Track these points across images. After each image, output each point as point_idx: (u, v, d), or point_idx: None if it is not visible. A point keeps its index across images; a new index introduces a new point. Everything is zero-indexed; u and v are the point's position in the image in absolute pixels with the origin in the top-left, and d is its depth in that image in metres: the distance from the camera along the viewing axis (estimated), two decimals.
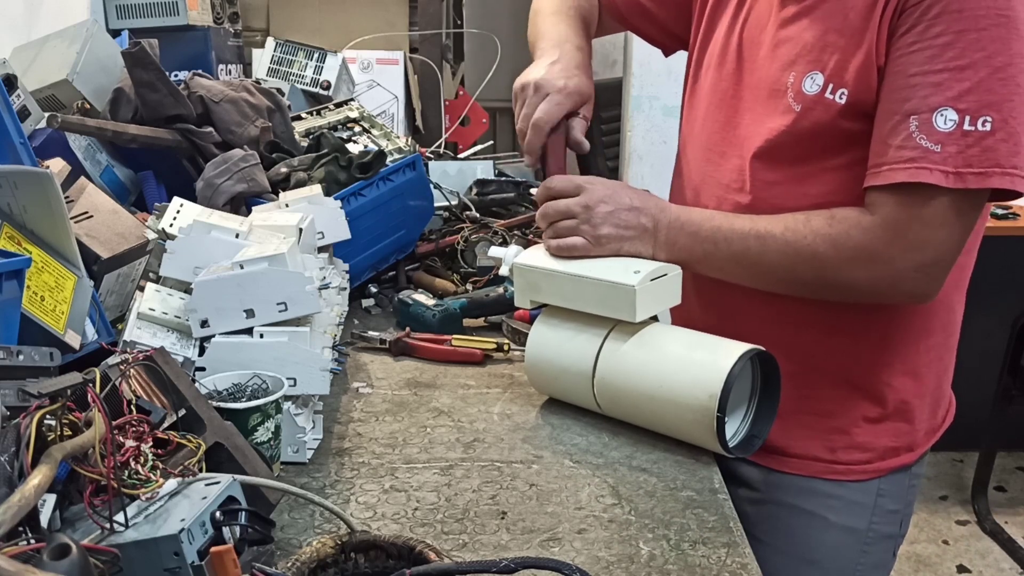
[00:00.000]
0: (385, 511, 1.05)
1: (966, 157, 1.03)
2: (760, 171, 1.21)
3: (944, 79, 1.03)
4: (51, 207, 1.13)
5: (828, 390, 1.26)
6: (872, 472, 1.27)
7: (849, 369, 1.25)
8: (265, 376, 1.11)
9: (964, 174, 1.03)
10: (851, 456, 1.27)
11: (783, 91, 1.17)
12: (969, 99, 1.02)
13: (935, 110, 1.03)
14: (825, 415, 1.27)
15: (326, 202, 1.50)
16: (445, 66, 3.03)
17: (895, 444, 1.27)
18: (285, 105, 1.86)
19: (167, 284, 1.23)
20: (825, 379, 1.26)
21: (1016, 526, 3.11)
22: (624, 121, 3.23)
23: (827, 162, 1.16)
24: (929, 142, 1.04)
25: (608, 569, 0.94)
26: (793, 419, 1.25)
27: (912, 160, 1.05)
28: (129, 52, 1.65)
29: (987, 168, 1.02)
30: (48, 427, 0.73)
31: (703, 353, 1.15)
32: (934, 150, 1.03)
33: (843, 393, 1.26)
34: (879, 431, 1.26)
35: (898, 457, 1.28)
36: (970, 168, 1.03)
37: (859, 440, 1.26)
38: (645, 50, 3.14)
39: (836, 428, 1.27)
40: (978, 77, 1.02)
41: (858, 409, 1.26)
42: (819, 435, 1.27)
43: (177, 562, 0.76)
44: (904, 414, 1.26)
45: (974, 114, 1.02)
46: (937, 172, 1.04)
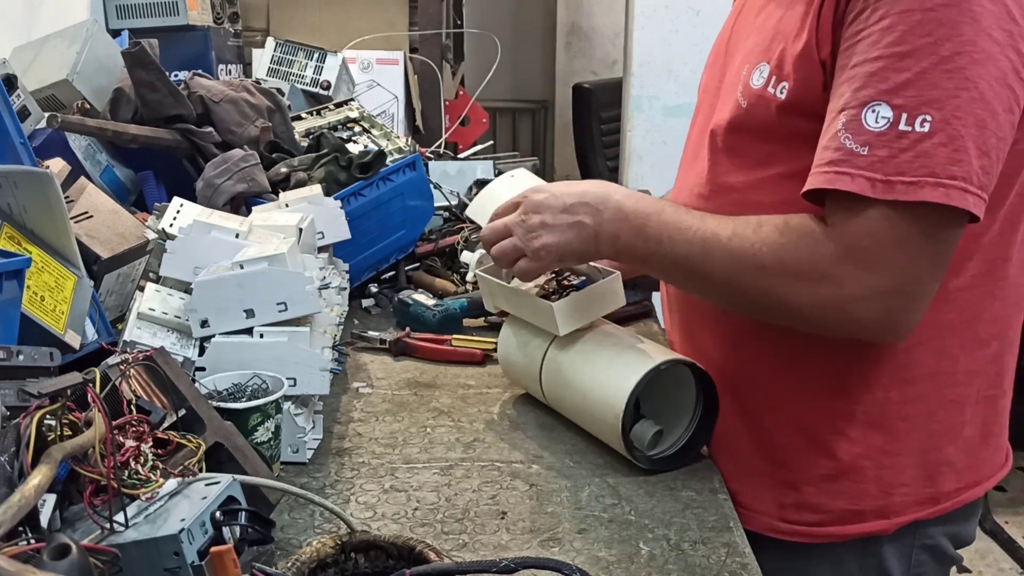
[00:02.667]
0: (385, 511, 1.05)
1: (898, 163, 0.87)
2: (719, 174, 1.09)
3: (879, 68, 0.88)
4: (51, 207, 1.13)
5: (781, 436, 1.11)
6: (823, 536, 1.10)
7: (803, 414, 1.09)
8: (265, 376, 1.11)
9: (894, 183, 0.87)
10: (799, 516, 1.11)
11: (735, 85, 1.05)
12: (907, 93, 0.86)
13: (866, 105, 0.88)
14: (777, 464, 1.11)
15: (326, 202, 1.50)
16: (445, 66, 3.03)
17: (854, 507, 1.08)
18: (285, 105, 1.86)
19: (167, 284, 1.23)
20: (778, 423, 1.11)
21: (1016, 526, 3.11)
22: (624, 121, 3.22)
23: (781, 167, 1.02)
24: (854, 143, 0.88)
25: (608, 569, 0.94)
26: (746, 464, 1.13)
27: (833, 164, 0.90)
28: (129, 52, 1.65)
29: (920, 177, 0.86)
30: (48, 427, 0.73)
31: (614, 371, 1.12)
32: (859, 152, 0.88)
33: (796, 441, 1.10)
34: (834, 490, 1.08)
35: (862, 523, 1.08)
36: (902, 176, 0.86)
37: (809, 498, 1.10)
38: (645, 50, 3.16)
39: (787, 481, 1.11)
40: (920, 67, 0.86)
41: (811, 462, 1.09)
42: (770, 486, 1.12)
43: (177, 562, 0.76)
44: (868, 474, 1.07)
45: (912, 112, 0.86)
46: (860, 179, 0.88)
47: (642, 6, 3.09)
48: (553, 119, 5.43)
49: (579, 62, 5.27)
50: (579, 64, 5.26)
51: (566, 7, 5.30)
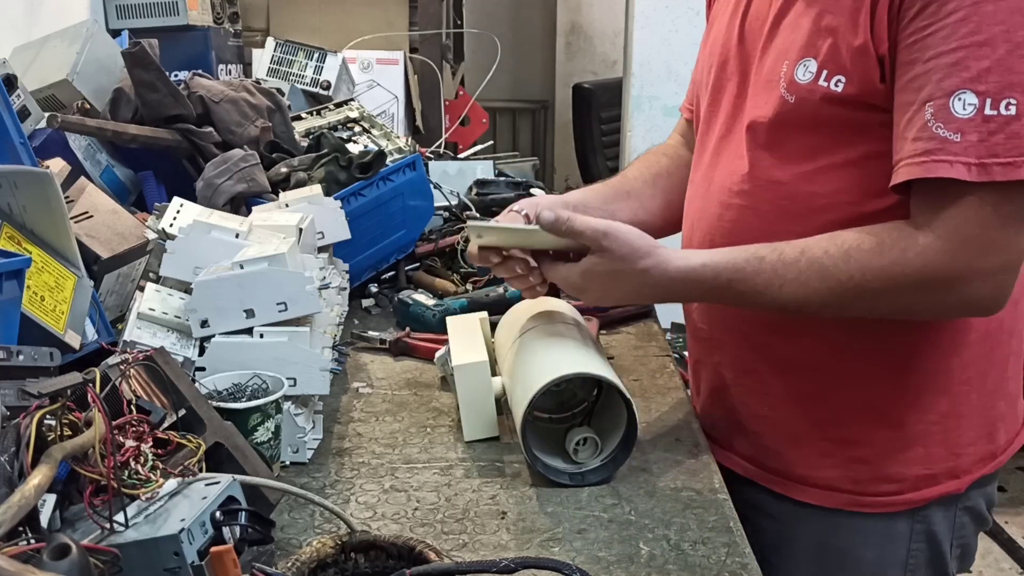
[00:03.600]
0: (385, 511, 1.05)
1: (989, 146, 0.91)
2: (763, 170, 1.11)
3: (960, 58, 0.92)
4: (51, 207, 1.13)
5: (846, 415, 1.14)
6: (903, 504, 1.15)
7: (867, 391, 1.13)
8: (265, 376, 1.11)
9: (989, 165, 0.91)
10: (878, 488, 1.14)
11: (776, 82, 1.07)
12: (990, 80, 0.90)
13: (952, 94, 0.92)
14: (846, 443, 1.15)
15: (326, 202, 1.50)
16: (445, 66, 3.03)
17: (930, 472, 1.13)
18: (285, 105, 1.86)
19: (167, 284, 1.23)
20: (842, 403, 1.14)
21: (1016, 526, 3.11)
22: (624, 121, 3.23)
23: (834, 157, 1.05)
24: (947, 131, 0.92)
25: (608, 569, 0.94)
26: (813, 447, 1.16)
27: (928, 153, 0.93)
28: (129, 52, 1.65)
29: (1015, 157, 0.91)
30: (48, 427, 0.73)
31: (520, 384, 1.13)
32: (953, 139, 0.92)
33: (863, 418, 1.14)
34: (908, 459, 1.13)
35: (937, 486, 1.14)
36: (996, 158, 0.91)
37: (885, 470, 1.14)
38: (645, 50, 3.16)
39: (859, 458, 1.14)
40: (997, 55, 0.90)
41: (881, 435, 1.13)
42: (842, 464, 1.15)
43: (177, 562, 0.76)
44: (937, 438, 1.13)
45: (995, 96, 0.90)
46: (958, 165, 0.92)
47: (642, 6, 3.09)
48: (553, 119, 5.43)
49: (579, 62, 5.27)
50: (579, 64, 5.26)
51: (566, 7, 5.30)
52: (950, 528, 1.18)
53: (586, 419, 1.19)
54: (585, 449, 1.12)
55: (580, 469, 1.11)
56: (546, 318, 1.26)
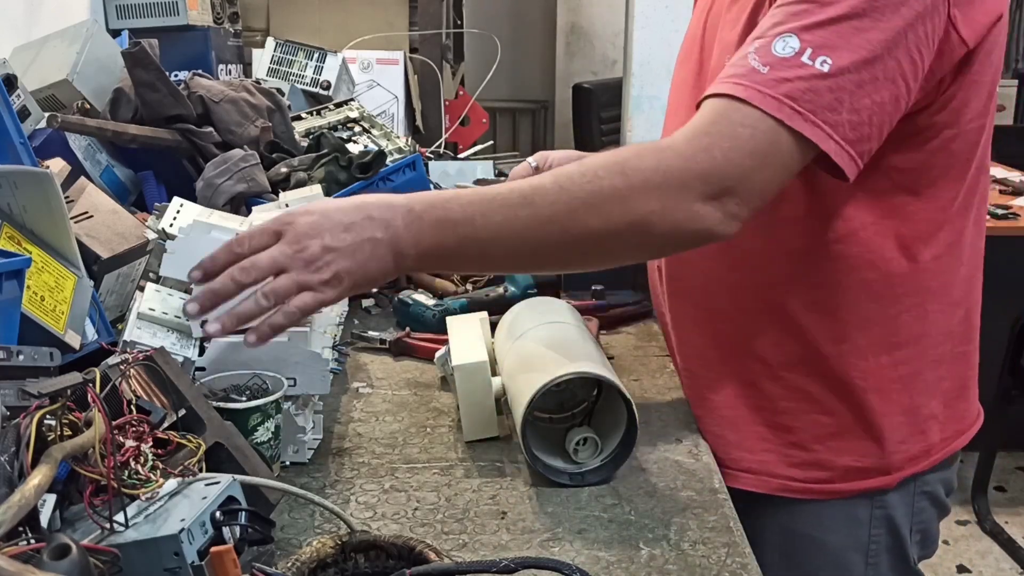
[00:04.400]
0: (385, 511, 1.05)
1: (791, 88, 0.92)
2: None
3: (802, 9, 0.94)
4: (51, 207, 1.13)
5: (783, 402, 1.17)
6: (832, 493, 1.17)
7: (803, 381, 1.15)
8: (265, 376, 1.11)
9: (783, 104, 0.92)
10: (808, 474, 1.17)
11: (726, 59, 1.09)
12: (818, 33, 0.92)
13: (779, 35, 0.94)
14: (782, 428, 1.18)
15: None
16: (445, 66, 3.03)
17: (858, 464, 1.16)
18: (285, 105, 1.86)
19: (167, 284, 1.23)
20: (779, 390, 1.16)
21: (1016, 526, 3.11)
22: (624, 121, 3.23)
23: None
24: (759, 62, 0.93)
25: (608, 569, 0.94)
26: (749, 431, 1.19)
27: (733, 77, 0.94)
28: (129, 52, 1.65)
29: (805, 110, 0.92)
30: (48, 427, 0.73)
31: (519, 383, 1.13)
32: (760, 71, 0.93)
33: (799, 405, 1.16)
34: (837, 448, 1.16)
35: (867, 479, 1.16)
36: (793, 101, 0.92)
37: (817, 456, 1.16)
38: (645, 50, 3.16)
39: (793, 442, 1.17)
40: (835, 13, 0.93)
41: (814, 420, 1.16)
42: (777, 448, 1.18)
43: (177, 562, 0.76)
44: (866, 432, 1.15)
45: (816, 50, 0.92)
46: (752, 90, 0.92)
47: (642, 6, 3.09)
48: (553, 119, 5.44)
49: (579, 62, 5.28)
50: (579, 64, 5.26)
51: (566, 7, 5.30)
52: (909, 513, 1.20)
53: (586, 419, 1.19)
54: (585, 449, 1.12)
55: (580, 469, 1.11)
56: (546, 318, 1.26)
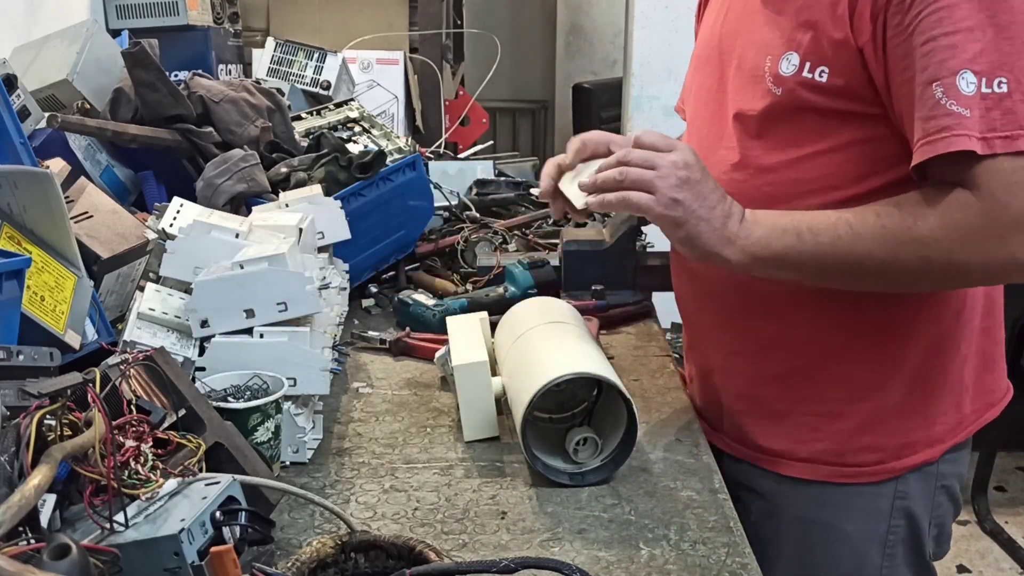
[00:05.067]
0: (385, 511, 1.05)
1: (988, 121, 0.97)
2: (752, 159, 1.16)
3: (958, 41, 0.98)
4: (51, 207, 1.13)
5: (830, 390, 1.20)
6: (886, 473, 1.20)
7: (850, 367, 1.18)
8: (265, 376, 1.11)
9: (991, 139, 0.97)
10: (861, 457, 1.20)
11: (762, 76, 1.13)
12: (983, 60, 0.97)
13: (956, 73, 0.98)
14: (830, 416, 1.20)
15: (326, 202, 1.50)
16: (445, 66, 3.03)
17: (907, 440, 1.20)
18: (285, 105, 1.86)
19: (167, 284, 1.23)
20: (826, 379, 1.20)
21: (1016, 526, 3.11)
22: (624, 121, 3.23)
23: (818, 145, 1.11)
24: (959, 106, 0.98)
25: (608, 569, 0.94)
26: (796, 420, 1.22)
27: (947, 128, 0.99)
28: (129, 52, 1.65)
29: (1012, 131, 0.97)
30: (48, 427, 0.73)
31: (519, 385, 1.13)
32: (965, 115, 0.97)
33: (846, 392, 1.19)
34: (887, 428, 1.19)
35: (916, 454, 1.20)
36: (995, 132, 0.97)
37: (868, 440, 1.20)
38: (645, 50, 3.16)
39: (842, 430, 1.20)
40: (987, 37, 0.97)
41: (864, 407, 1.19)
42: (826, 437, 1.21)
43: (177, 562, 0.76)
44: (914, 407, 1.19)
45: (989, 75, 0.97)
46: (973, 139, 0.98)
47: (642, 6, 3.09)
48: (553, 119, 5.43)
49: (579, 62, 5.27)
50: (579, 64, 5.26)
51: (566, 7, 5.30)
52: (928, 507, 1.23)
53: (586, 419, 1.19)
54: (585, 449, 1.12)
55: (580, 469, 1.11)
56: (546, 318, 1.26)
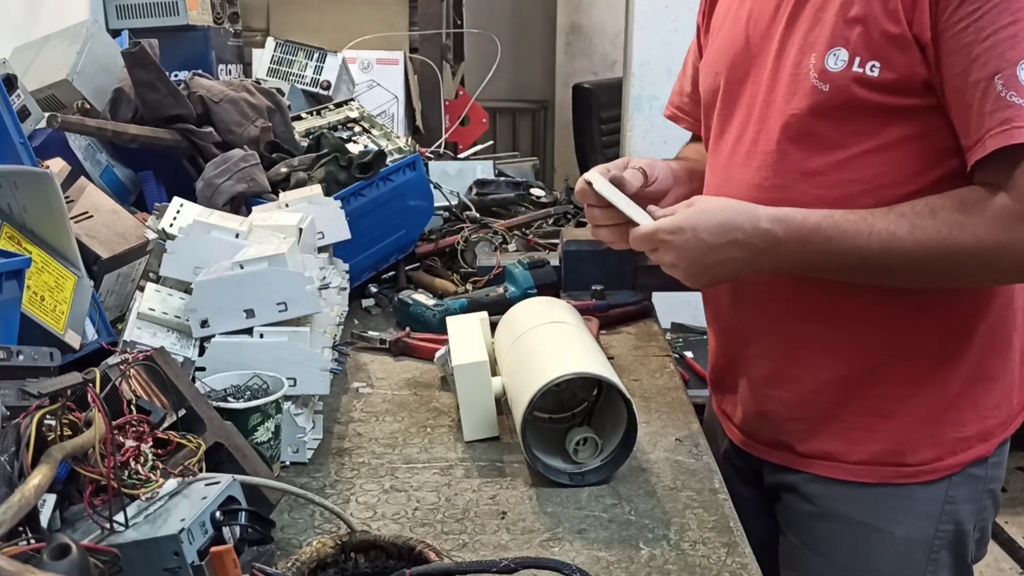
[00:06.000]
0: (385, 511, 1.05)
1: None
2: (794, 162, 1.12)
3: (1019, 31, 0.96)
4: (51, 207, 1.13)
5: (889, 387, 1.17)
6: (944, 470, 1.18)
7: (910, 364, 1.16)
8: (265, 376, 1.11)
9: None
10: (921, 455, 1.17)
11: (805, 74, 1.10)
12: None
13: (1017, 64, 0.96)
14: (886, 415, 1.17)
15: (326, 202, 1.50)
16: (445, 66, 3.03)
17: (964, 435, 1.17)
18: (285, 105, 1.86)
19: (167, 284, 1.23)
20: (887, 378, 1.17)
21: (1016, 526, 3.11)
22: (624, 121, 3.22)
23: (868, 142, 1.08)
24: (1019, 97, 0.96)
25: (608, 569, 0.94)
26: (852, 421, 1.18)
27: (1008, 121, 0.97)
28: (129, 52, 1.65)
29: None
30: (48, 427, 0.73)
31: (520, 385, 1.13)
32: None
33: (905, 389, 1.17)
34: (946, 422, 1.17)
35: (970, 449, 1.18)
36: None
37: (926, 436, 1.17)
38: (645, 50, 3.16)
39: (900, 427, 1.17)
40: None
41: (921, 403, 1.17)
42: (884, 438, 1.18)
43: (177, 562, 0.76)
44: (970, 402, 1.17)
45: None
46: None
47: (642, 6, 3.09)
48: (553, 119, 5.43)
49: (579, 62, 5.27)
50: (579, 64, 5.25)
51: (566, 7, 5.29)
52: (975, 511, 1.21)
53: (586, 419, 1.19)
54: (585, 449, 1.12)
55: (580, 469, 1.11)
56: (546, 318, 1.26)
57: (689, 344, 2.86)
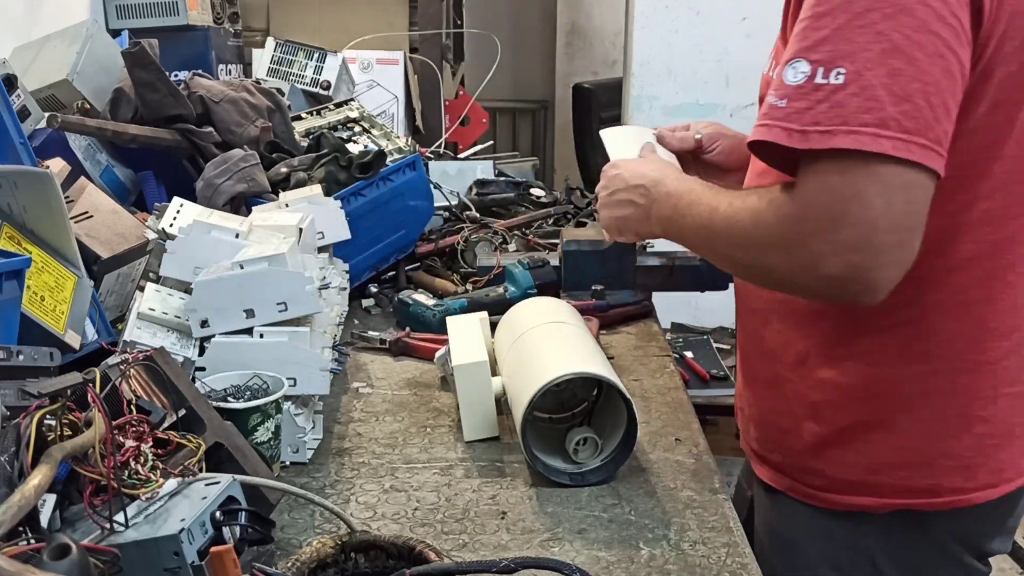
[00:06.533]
0: (385, 511, 1.05)
1: (815, 114, 0.90)
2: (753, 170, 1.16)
3: (804, 28, 0.92)
4: (51, 207, 1.13)
5: (790, 403, 1.13)
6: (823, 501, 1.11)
7: (805, 388, 1.11)
8: (265, 376, 1.11)
9: (809, 132, 0.90)
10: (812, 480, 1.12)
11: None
12: (823, 49, 0.90)
13: (788, 62, 0.92)
14: (784, 431, 1.14)
15: (326, 202, 1.50)
16: (445, 66, 3.03)
17: (845, 477, 1.10)
18: (285, 105, 1.86)
19: (167, 284, 1.23)
20: (787, 394, 1.13)
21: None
22: (624, 121, 3.22)
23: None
24: (775, 97, 0.93)
25: (608, 569, 0.94)
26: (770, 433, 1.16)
27: (763, 116, 0.95)
28: (129, 52, 1.65)
29: (833, 126, 0.89)
30: (48, 427, 0.73)
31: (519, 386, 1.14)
32: (779, 105, 0.92)
33: (796, 409, 1.12)
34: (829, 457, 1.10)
35: (854, 495, 1.10)
36: (816, 126, 0.90)
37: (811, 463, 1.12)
38: (645, 50, 3.16)
39: (792, 449, 1.14)
40: (836, 24, 0.90)
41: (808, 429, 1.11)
42: (787, 451, 1.14)
43: (177, 562, 0.76)
44: (851, 446, 1.09)
45: (827, 65, 0.90)
46: (776, 129, 0.92)
47: (642, 6, 3.09)
48: (553, 119, 5.43)
49: (579, 62, 5.27)
50: (579, 64, 5.25)
51: (566, 7, 5.29)
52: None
53: (586, 419, 1.19)
54: (585, 449, 1.12)
55: (580, 469, 1.11)
56: (546, 318, 1.26)
57: (689, 344, 2.86)
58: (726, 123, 1.38)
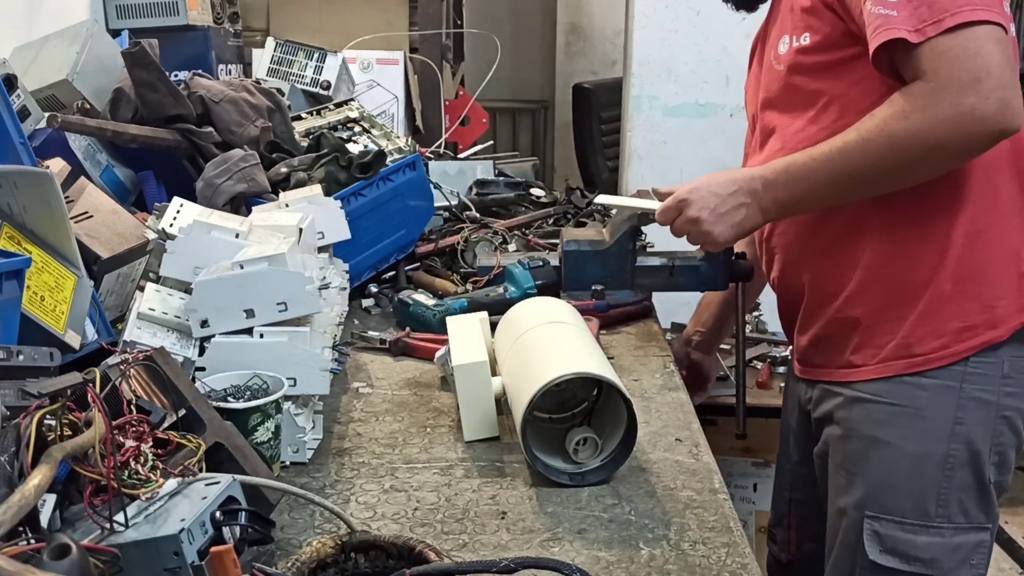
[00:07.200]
0: (385, 511, 1.05)
1: (919, 16, 1.12)
2: (780, 128, 1.34)
3: None
4: (51, 207, 1.13)
5: (883, 295, 1.29)
6: (949, 357, 1.26)
7: (895, 268, 1.28)
8: (265, 376, 1.11)
9: (922, 28, 1.12)
10: (926, 347, 1.27)
11: (771, 65, 1.34)
12: None
13: None
14: (894, 318, 1.29)
15: (326, 202, 1.50)
16: (445, 66, 3.03)
17: (969, 323, 1.26)
18: (285, 105, 1.86)
19: (167, 284, 1.23)
20: (880, 286, 1.29)
21: (1016, 526, 3.11)
22: (624, 121, 3.22)
23: (824, 98, 1.28)
24: (885, 8, 1.14)
25: (608, 569, 0.94)
26: (873, 328, 1.30)
27: (879, 27, 1.15)
28: (129, 52, 1.65)
29: (938, 17, 1.12)
30: (48, 427, 0.73)
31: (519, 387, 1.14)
32: (892, 15, 1.14)
33: (906, 293, 1.28)
34: (947, 315, 1.26)
35: (977, 336, 1.26)
36: (924, 22, 1.12)
37: (930, 327, 1.27)
38: (645, 50, 3.15)
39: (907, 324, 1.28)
40: None
41: (920, 300, 1.27)
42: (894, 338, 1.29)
43: (177, 562, 0.76)
44: (965, 296, 1.26)
45: None
46: (903, 31, 1.13)
47: (642, 6, 3.09)
48: (553, 119, 5.42)
49: (579, 62, 5.26)
50: (579, 64, 5.25)
51: (566, 7, 5.29)
52: (987, 435, 1.27)
53: (586, 419, 1.19)
54: (585, 449, 1.12)
55: (580, 469, 1.11)
56: (546, 318, 1.26)
57: None
58: (726, 123, 1.44)
